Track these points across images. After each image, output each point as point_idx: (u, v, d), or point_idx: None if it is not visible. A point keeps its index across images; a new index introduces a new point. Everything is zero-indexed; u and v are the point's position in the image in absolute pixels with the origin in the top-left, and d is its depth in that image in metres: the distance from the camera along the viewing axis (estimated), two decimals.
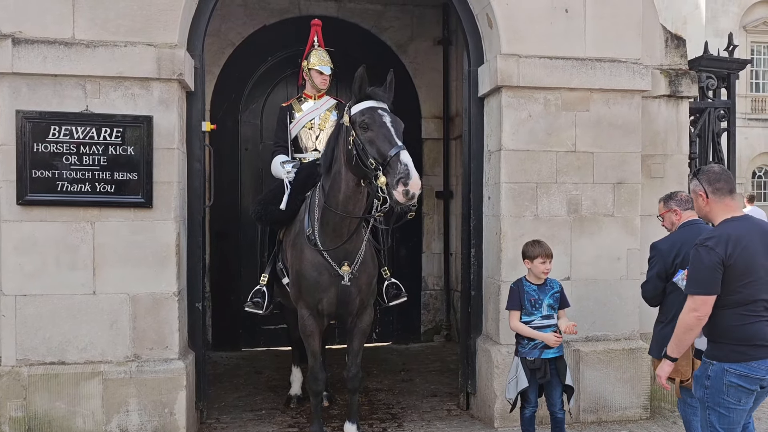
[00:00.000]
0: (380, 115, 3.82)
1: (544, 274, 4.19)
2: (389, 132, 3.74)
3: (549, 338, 4.12)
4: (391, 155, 3.62)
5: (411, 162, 3.59)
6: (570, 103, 4.99)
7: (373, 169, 3.69)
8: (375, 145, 3.72)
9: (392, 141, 3.70)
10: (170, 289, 4.52)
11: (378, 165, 3.66)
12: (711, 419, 3.17)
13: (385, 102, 3.95)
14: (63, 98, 4.39)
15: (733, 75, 5.75)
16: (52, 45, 4.33)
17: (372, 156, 3.71)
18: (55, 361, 4.41)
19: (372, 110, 3.84)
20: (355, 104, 3.95)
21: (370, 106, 3.87)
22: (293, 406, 5.40)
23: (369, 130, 3.78)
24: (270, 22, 7.40)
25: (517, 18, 4.90)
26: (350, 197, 4.04)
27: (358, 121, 3.84)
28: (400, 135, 3.77)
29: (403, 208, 3.63)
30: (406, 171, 3.52)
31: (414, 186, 3.50)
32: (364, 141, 3.77)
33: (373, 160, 3.69)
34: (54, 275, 4.39)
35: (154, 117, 4.46)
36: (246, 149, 7.48)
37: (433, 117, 7.87)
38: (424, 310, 7.92)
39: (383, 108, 3.90)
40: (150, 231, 4.49)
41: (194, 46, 4.78)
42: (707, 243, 3.08)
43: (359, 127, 3.82)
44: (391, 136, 3.73)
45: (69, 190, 4.37)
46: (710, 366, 3.14)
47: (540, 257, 4.16)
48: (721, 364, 3.10)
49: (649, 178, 5.34)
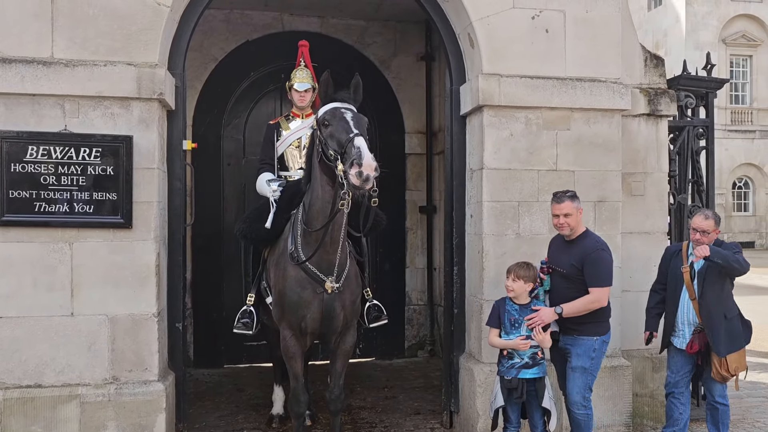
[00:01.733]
0: (342, 112, 3.93)
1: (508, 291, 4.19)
2: (347, 124, 3.84)
3: (517, 344, 4.12)
4: (346, 142, 3.71)
5: (365, 145, 3.65)
6: (551, 122, 5.03)
7: (333, 161, 3.77)
8: (334, 138, 3.82)
9: (349, 130, 3.79)
10: (150, 310, 4.47)
11: (337, 155, 3.75)
12: (589, 383, 4.27)
13: (349, 102, 4.05)
14: (41, 118, 4.34)
15: (711, 94, 5.81)
16: (30, 64, 4.29)
17: (332, 148, 3.81)
18: (32, 384, 4.34)
19: (335, 109, 3.96)
20: (321, 107, 4.07)
21: (334, 106, 3.99)
22: (275, 426, 5.35)
23: (330, 126, 3.89)
24: (253, 37, 7.39)
25: (498, 38, 4.93)
26: (327, 201, 4.04)
27: (321, 120, 3.97)
28: (361, 128, 3.83)
29: (360, 193, 3.67)
30: (358, 153, 3.59)
31: (367, 167, 3.53)
32: (326, 137, 3.88)
33: (333, 151, 3.79)
34: (31, 296, 4.33)
35: (134, 136, 4.42)
36: (228, 164, 7.44)
37: (417, 132, 7.88)
38: (408, 326, 7.90)
39: (347, 107, 3.99)
40: (129, 251, 4.44)
41: (175, 64, 4.76)
42: (606, 248, 4.28)
43: (322, 125, 3.94)
44: (349, 126, 3.81)
45: (47, 210, 4.32)
46: (596, 340, 4.23)
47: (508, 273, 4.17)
48: (601, 338, 4.26)
49: (629, 195, 5.39)
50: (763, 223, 31.15)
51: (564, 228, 4.24)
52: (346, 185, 3.66)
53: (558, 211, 4.24)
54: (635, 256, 5.39)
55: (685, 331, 4.52)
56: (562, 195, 4.27)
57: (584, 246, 4.24)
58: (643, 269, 5.41)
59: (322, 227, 4.06)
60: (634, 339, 5.35)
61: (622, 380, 5.07)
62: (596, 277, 4.17)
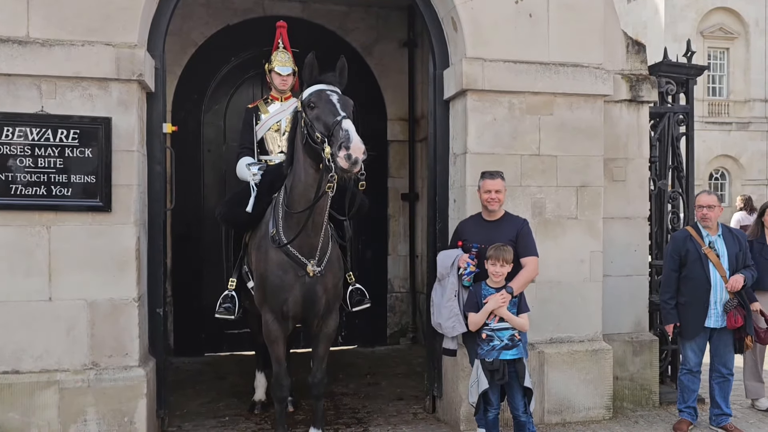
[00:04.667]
0: (327, 94, 3.91)
1: (495, 276, 4.19)
2: (334, 106, 3.82)
3: (497, 302, 4.10)
4: (333, 125, 3.68)
5: (353, 128, 3.64)
6: (534, 107, 5.03)
7: (320, 143, 3.74)
8: (321, 120, 3.80)
9: (336, 112, 3.76)
10: (130, 295, 4.41)
11: (324, 138, 3.72)
12: None
13: (335, 85, 4.03)
14: (17, 98, 4.24)
15: (691, 80, 5.86)
16: (5, 43, 4.19)
17: (318, 130, 3.78)
18: (9, 370, 4.26)
19: (320, 91, 3.93)
20: (305, 89, 4.03)
21: (319, 89, 3.96)
22: (257, 412, 5.32)
23: (315, 108, 3.87)
24: (233, 21, 7.30)
25: (482, 22, 4.92)
26: (311, 185, 4.01)
27: (306, 102, 3.93)
28: (348, 111, 3.82)
29: (348, 176, 3.65)
30: (346, 135, 3.57)
31: (355, 150, 3.52)
32: (312, 119, 3.86)
33: (320, 134, 3.76)
34: (8, 281, 4.24)
35: (113, 118, 4.34)
36: (209, 150, 7.36)
37: (399, 119, 7.86)
38: (390, 313, 7.90)
39: (332, 89, 3.97)
40: (109, 235, 4.37)
41: (155, 45, 4.68)
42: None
43: (308, 108, 3.91)
44: (336, 109, 3.79)
45: (23, 193, 4.23)
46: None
47: (491, 260, 4.17)
48: None
49: (611, 181, 5.42)
50: None
51: (494, 203, 4.39)
52: (333, 168, 3.62)
53: (491, 186, 4.38)
54: (616, 242, 5.43)
55: (718, 310, 4.76)
56: (495, 173, 4.46)
57: (513, 221, 4.46)
58: (623, 254, 5.46)
59: (305, 210, 4.03)
60: (614, 323, 5.40)
61: (603, 364, 5.11)
62: (531, 247, 4.38)
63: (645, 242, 5.60)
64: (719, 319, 4.77)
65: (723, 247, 4.84)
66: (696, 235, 4.85)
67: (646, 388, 5.48)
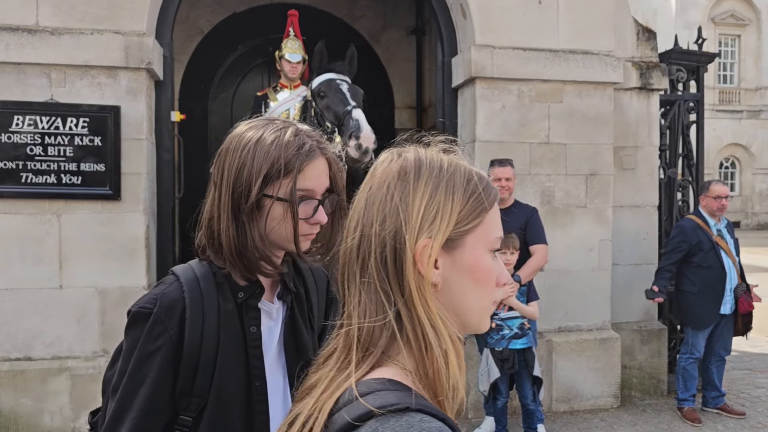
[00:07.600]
0: (337, 83, 3.93)
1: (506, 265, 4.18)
2: (344, 96, 3.83)
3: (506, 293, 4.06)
4: (343, 114, 3.70)
5: (363, 117, 3.67)
6: (543, 95, 5.00)
7: (330, 133, 3.76)
8: (331, 110, 3.83)
9: (346, 102, 3.79)
10: (140, 283, 4.43)
11: (334, 127, 3.74)
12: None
13: (344, 74, 4.05)
14: (27, 87, 4.25)
15: (702, 68, 5.80)
16: (14, 32, 4.20)
17: (328, 120, 3.81)
18: (21, 357, 4.30)
19: (330, 81, 3.95)
20: (315, 78, 4.05)
21: (329, 77, 3.97)
22: None
23: (326, 97, 3.89)
24: (240, 9, 7.28)
25: (491, 9, 4.88)
26: None
27: (316, 92, 3.95)
28: (357, 100, 3.82)
29: (358, 165, 3.66)
30: (357, 125, 3.60)
31: (366, 139, 3.54)
32: (322, 108, 3.89)
33: (330, 123, 3.78)
34: (19, 269, 4.28)
35: (122, 107, 4.35)
36: (216, 139, 7.36)
37: (407, 107, 7.84)
38: None
39: (342, 78, 3.98)
40: (118, 223, 4.39)
41: (163, 33, 4.67)
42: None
43: (318, 97, 3.94)
44: (346, 98, 3.82)
45: (34, 181, 4.25)
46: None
47: (510, 248, 4.15)
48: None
49: (620, 169, 5.39)
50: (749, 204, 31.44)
51: (504, 191, 4.37)
52: (343, 158, 3.63)
53: (501, 174, 4.36)
54: (625, 230, 5.41)
55: (729, 296, 4.82)
56: (504, 161, 4.44)
57: (522, 209, 4.47)
58: (633, 243, 5.44)
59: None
60: (623, 312, 5.40)
61: (612, 352, 5.11)
62: (540, 235, 4.40)
63: (654, 231, 5.58)
64: (732, 305, 4.84)
65: (727, 234, 4.91)
66: (703, 224, 4.86)
67: (654, 377, 5.47)
